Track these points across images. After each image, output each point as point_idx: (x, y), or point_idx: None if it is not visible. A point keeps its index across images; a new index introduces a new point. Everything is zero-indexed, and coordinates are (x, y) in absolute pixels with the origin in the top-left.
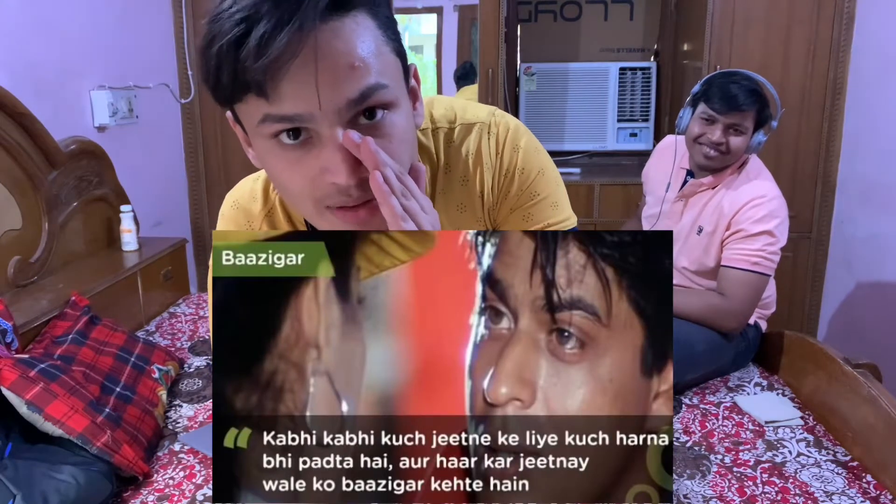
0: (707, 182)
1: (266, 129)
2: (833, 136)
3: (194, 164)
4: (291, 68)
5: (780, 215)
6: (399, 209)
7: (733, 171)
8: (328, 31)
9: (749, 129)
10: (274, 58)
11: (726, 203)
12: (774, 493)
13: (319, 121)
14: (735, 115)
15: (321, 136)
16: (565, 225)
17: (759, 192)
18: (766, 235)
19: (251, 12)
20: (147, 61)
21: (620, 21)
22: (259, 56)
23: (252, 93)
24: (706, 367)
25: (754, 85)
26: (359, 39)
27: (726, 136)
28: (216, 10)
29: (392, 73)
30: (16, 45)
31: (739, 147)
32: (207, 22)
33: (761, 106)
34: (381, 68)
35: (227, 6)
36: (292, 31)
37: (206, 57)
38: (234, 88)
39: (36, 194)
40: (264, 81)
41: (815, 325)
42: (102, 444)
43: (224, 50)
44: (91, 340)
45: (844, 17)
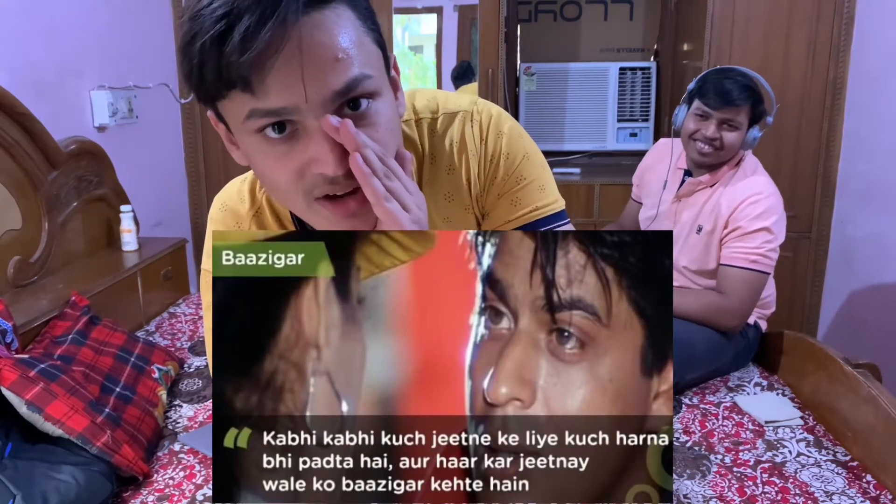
0: (705, 181)
1: (252, 124)
2: (833, 136)
3: (194, 164)
4: (277, 62)
5: (778, 212)
6: (381, 189)
7: (730, 168)
8: (310, 23)
9: (743, 124)
10: (259, 52)
11: (724, 201)
12: (774, 493)
13: (305, 113)
14: (728, 110)
15: (307, 127)
16: (553, 208)
17: (756, 189)
18: (765, 232)
19: (232, 7)
20: (147, 61)
21: (620, 21)
22: (244, 51)
23: (237, 88)
24: (706, 367)
25: (748, 81)
26: (341, 31)
27: (720, 131)
28: (196, 7)
29: (374, 63)
30: (16, 45)
31: (734, 142)
32: (187, 19)
33: (755, 101)
34: (364, 59)
35: (206, 3)
36: (276, 25)
37: (188, 54)
38: (219, 85)
39: (36, 194)
40: (249, 76)
41: (815, 325)
42: (102, 444)
43: (207, 46)
44: (91, 340)
45: (844, 17)
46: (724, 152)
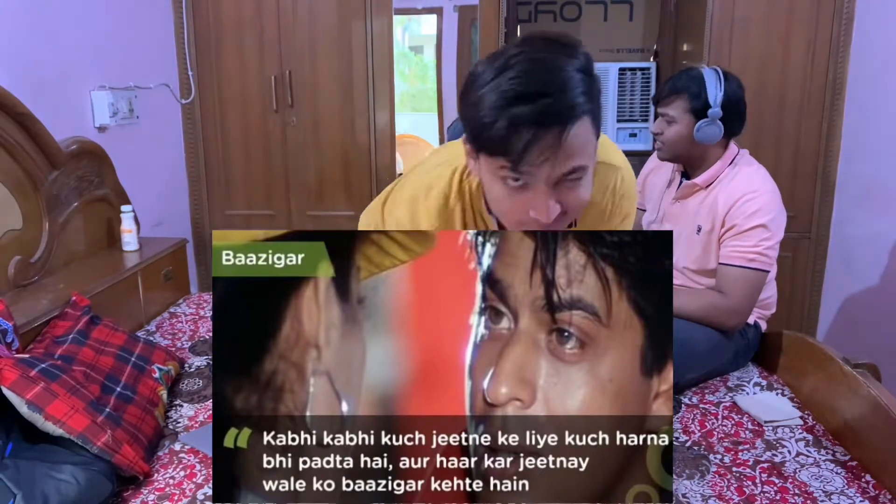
0: (700, 182)
1: (501, 172)
2: (832, 136)
3: (195, 164)
4: (538, 149)
5: (774, 209)
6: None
7: (724, 167)
8: (568, 132)
9: (679, 117)
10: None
11: (720, 200)
12: (774, 493)
13: (538, 180)
14: (663, 104)
15: (535, 188)
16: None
17: (752, 186)
18: (761, 230)
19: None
20: (147, 61)
21: (620, 21)
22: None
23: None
24: (706, 367)
25: (687, 76)
26: (582, 139)
27: (660, 126)
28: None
29: (592, 151)
30: (16, 45)
31: (673, 136)
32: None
33: (691, 95)
34: (589, 152)
35: (509, 76)
36: (553, 133)
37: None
38: (497, 147)
39: (36, 194)
40: (519, 158)
41: (814, 324)
42: (103, 443)
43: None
44: (92, 340)
45: (844, 17)
46: (668, 147)
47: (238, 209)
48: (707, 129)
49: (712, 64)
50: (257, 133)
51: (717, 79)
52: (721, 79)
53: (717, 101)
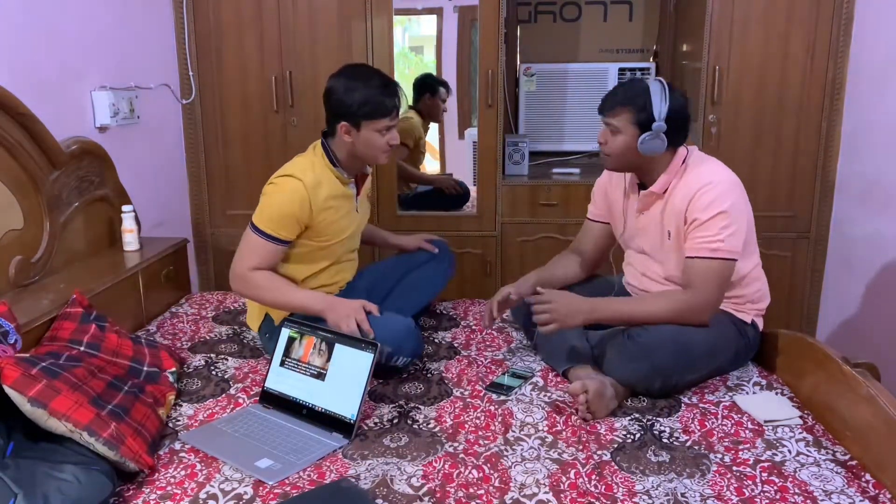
0: (656, 189)
1: (382, 125)
2: (832, 136)
3: (195, 164)
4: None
5: (732, 196)
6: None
7: (675, 171)
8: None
9: (623, 128)
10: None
11: (678, 199)
12: (773, 492)
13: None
14: (607, 115)
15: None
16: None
17: (706, 178)
18: (721, 217)
19: None
20: (148, 62)
21: (620, 22)
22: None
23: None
24: (705, 367)
25: (633, 87)
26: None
27: (605, 136)
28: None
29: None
30: (17, 45)
31: (617, 147)
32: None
33: (636, 107)
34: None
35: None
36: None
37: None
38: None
39: (37, 194)
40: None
41: (813, 324)
42: (108, 435)
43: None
44: (104, 352)
45: (843, 18)
46: (612, 157)
47: (238, 209)
48: (651, 142)
49: (712, 64)
50: (258, 133)
51: (661, 92)
52: (666, 92)
53: (661, 115)
